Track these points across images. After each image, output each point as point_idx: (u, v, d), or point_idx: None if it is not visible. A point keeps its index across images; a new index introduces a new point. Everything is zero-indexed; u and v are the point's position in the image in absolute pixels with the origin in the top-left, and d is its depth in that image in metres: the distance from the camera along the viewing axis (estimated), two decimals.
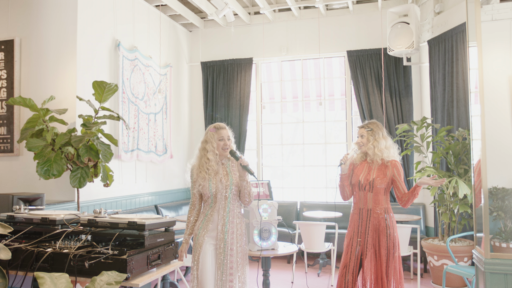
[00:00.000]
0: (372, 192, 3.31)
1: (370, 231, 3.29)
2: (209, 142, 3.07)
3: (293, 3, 6.37)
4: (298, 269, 5.78)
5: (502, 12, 3.15)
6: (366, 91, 6.43)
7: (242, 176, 3.03)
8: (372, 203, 3.31)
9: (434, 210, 5.68)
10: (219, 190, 3.01)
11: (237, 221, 3.05)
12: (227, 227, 3.00)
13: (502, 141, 3.14)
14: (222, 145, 3.06)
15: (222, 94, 7.11)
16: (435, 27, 5.74)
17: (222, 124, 3.14)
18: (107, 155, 4.09)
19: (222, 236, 2.98)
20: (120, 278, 1.99)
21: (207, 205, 3.07)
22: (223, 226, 2.99)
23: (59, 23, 4.74)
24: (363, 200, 3.35)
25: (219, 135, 3.07)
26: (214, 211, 3.02)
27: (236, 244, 3.01)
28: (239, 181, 3.05)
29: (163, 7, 6.41)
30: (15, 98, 3.94)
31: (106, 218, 2.36)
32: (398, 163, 3.34)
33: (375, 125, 3.42)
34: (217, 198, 3.02)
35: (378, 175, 3.32)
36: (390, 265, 3.23)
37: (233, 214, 3.04)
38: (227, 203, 3.03)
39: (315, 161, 7.12)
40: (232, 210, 3.04)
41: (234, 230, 3.02)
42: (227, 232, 2.99)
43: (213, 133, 3.08)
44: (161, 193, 6.35)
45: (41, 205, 3.69)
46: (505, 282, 2.68)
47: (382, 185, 3.29)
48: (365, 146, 3.38)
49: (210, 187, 3.00)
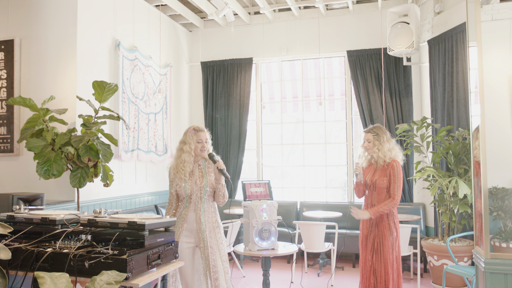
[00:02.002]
0: (376, 191, 3.66)
1: (373, 227, 3.65)
2: (187, 143, 3.18)
3: (293, 3, 6.37)
4: (298, 269, 5.78)
5: (502, 12, 3.15)
6: (366, 91, 6.43)
7: (218, 179, 3.16)
8: (376, 201, 3.66)
9: (434, 210, 5.68)
10: (194, 191, 3.15)
11: (212, 219, 3.19)
12: (204, 226, 3.13)
13: (502, 141, 3.14)
14: (200, 147, 3.19)
15: (222, 94, 7.11)
16: (435, 27, 5.74)
17: (201, 127, 3.26)
18: (107, 155, 4.09)
19: (200, 235, 3.13)
20: (120, 277, 1.99)
21: (182, 205, 3.20)
22: (200, 225, 3.13)
23: (59, 23, 4.74)
24: (370, 198, 3.73)
25: (198, 137, 3.19)
26: (189, 211, 3.16)
27: (215, 242, 3.14)
28: (214, 183, 3.18)
29: (163, 7, 6.41)
30: (15, 98, 3.94)
31: (106, 218, 2.36)
32: (396, 163, 3.63)
33: (380, 130, 3.75)
34: (192, 199, 3.16)
35: (380, 175, 3.65)
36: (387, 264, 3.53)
37: (208, 214, 3.18)
38: (202, 204, 3.16)
39: (315, 161, 7.12)
40: (207, 210, 3.18)
41: (211, 228, 3.16)
42: (204, 231, 3.13)
43: (192, 135, 3.20)
44: (161, 193, 6.35)
45: (41, 205, 3.69)
46: (505, 282, 2.68)
47: (383, 184, 3.62)
48: (371, 150, 3.72)
49: (185, 188, 3.14)
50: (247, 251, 3.65)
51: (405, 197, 6.30)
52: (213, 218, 3.20)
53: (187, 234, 3.16)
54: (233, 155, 6.98)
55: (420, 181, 5.94)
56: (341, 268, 5.80)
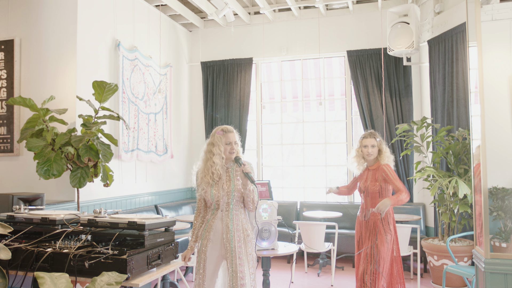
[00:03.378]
0: (369, 197, 3.69)
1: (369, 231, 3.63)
2: (216, 145, 2.93)
3: (293, 3, 6.37)
4: (298, 269, 5.78)
5: (502, 12, 3.15)
6: (366, 91, 6.43)
7: (245, 184, 2.91)
8: (370, 205, 3.68)
9: (434, 210, 5.68)
10: (221, 196, 2.90)
11: (242, 228, 2.93)
12: (232, 234, 2.88)
13: (502, 141, 3.14)
14: (229, 149, 2.94)
15: (222, 94, 7.11)
16: (435, 27, 5.74)
17: (230, 127, 3.01)
18: (107, 155, 4.09)
19: (228, 245, 2.87)
20: (120, 278, 1.99)
21: (210, 212, 2.98)
22: (228, 234, 2.87)
23: (59, 23, 4.74)
24: (365, 203, 3.74)
25: (226, 138, 2.95)
26: (216, 218, 2.92)
27: (244, 253, 2.89)
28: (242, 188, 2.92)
29: (163, 7, 6.41)
30: (15, 98, 3.94)
31: (106, 218, 2.36)
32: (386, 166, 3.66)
33: (378, 135, 3.80)
34: (220, 204, 2.91)
35: (371, 180, 3.70)
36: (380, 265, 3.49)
37: (238, 221, 2.91)
38: (230, 210, 2.91)
39: (315, 161, 7.12)
40: (236, 216, 2.91)
41: (240, 237, 2.90)
42: (232, 241, 2.87)
43: (220, 136, 2.96)
44: (161, 193, 6.35)
45: (41, 205, 3.69)
46: (505, 282, 2.68)
47: (376, 188, 3.66)
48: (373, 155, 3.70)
49: (211, 193, 2.90)
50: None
51: None
52: (243, 226, 2.93)
53: (213, 245, 2.90)
54: None
55: (420, 181, 5.94)
56: (341, 268, 5.80)
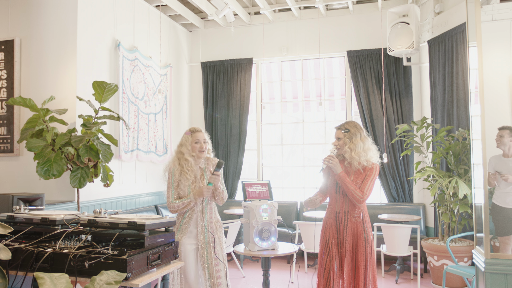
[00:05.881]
0: (347, 197, 3.13)
1: (347, 236, 3.11)
2: (184, 145, 3.19)
3: (293, 3, 6.37)
4: (298, 269, 5.78)
5: (502, 12, 3.15)
6: (366, 91, 6.43)
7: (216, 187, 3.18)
8: (349, 206, 3.13)
9: (434, 210, 5.68)
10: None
11: (214, 219, 3.24)
12: (206, 226, 3.17)
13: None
14: (199, 148, 3.18)
15: (222, 94, 7.11)
16: (435, 27, 5.74)
17: (198, 127, 3.26)
18: (107, 155, 4.09)
19: (202, 237, 3.15)
20: (119, 277, 1.99)
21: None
22: (203, 227, 3.16)
23: (59, 23, 4.74)
24: (340, 204, 3.17)
25: (194, 138, 3.19)
26: (193, 212, 3.18)
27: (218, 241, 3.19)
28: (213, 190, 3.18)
29: (163, 7, 6.41)
30: (15, 98, 3.94)
31: (106, 218, 2.36)
32: (376, 167, 3.13)
33: (353, 126, 3.17)
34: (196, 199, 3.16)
35: (355, 179, 3.11)
36: (368, 270, 3.06)
37: (211, 214, 3.22)
38: (205, 205, 3.19)
39: (315, 161, 7.12)
40: (210, 210, 3.22)
41: (213, 228, 3.20)
42: (207, 231, 3.16)
43: (188, 136, 3.20)
44: (161, 193, 6.35)
45: (41, 205, 3.69)
46: (505, 282, 2.68)
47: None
48: (342, 148, 3.17)
49: (189, 190, 3.15)
50: (247, 251, 3.64)
51: (405, 197, 6.30)
52: (215, 218, 3.25)
53: (191, 235, 3.18)
54: (233, 155, 6.98)
55: (420, 181, 5.94)
56: None
